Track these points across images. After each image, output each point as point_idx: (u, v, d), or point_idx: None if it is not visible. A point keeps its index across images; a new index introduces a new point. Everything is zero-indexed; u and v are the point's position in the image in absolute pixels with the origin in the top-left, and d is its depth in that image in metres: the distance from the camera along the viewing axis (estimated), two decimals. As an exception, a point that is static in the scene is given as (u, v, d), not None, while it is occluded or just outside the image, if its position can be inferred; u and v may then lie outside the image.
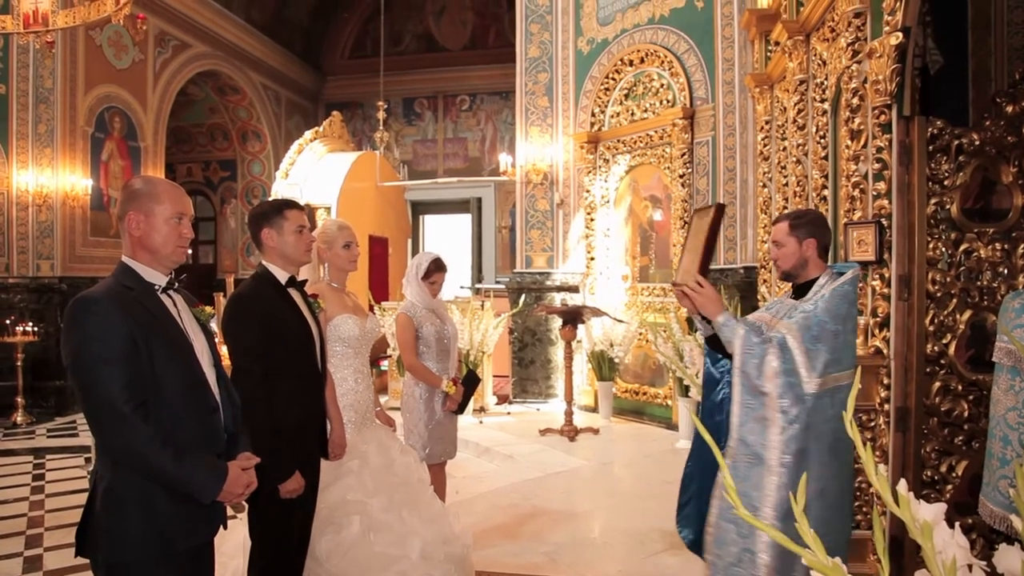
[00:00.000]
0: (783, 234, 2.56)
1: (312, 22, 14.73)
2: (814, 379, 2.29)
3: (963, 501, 3.15)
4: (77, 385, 1.84)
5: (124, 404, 1.78)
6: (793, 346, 2.31)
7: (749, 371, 2.34)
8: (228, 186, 13.42)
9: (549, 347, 8.30)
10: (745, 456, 2.35)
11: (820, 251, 2.55)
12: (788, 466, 2.28)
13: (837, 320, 2.35)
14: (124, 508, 1.85)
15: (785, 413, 2.29)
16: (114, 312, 1.83)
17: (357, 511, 2.81)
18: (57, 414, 8.33)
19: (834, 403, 2.33)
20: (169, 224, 1.97)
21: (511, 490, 5.25)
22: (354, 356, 3.07)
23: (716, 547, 2.43)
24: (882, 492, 0.98)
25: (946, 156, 3.28)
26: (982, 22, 4.62)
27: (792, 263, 2.56)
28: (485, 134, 14.70)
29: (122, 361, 1.80)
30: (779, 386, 2.30)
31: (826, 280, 2.49)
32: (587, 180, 8.08)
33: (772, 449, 2.31)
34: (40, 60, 8.42)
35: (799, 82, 4.59)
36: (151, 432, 1.80)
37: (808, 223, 2.55)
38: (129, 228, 1.96)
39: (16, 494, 5.53)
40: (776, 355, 2.31)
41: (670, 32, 7.32)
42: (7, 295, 8.36)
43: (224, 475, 1.94)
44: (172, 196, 1.99)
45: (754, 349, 2.35)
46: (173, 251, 1.99)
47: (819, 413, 2.31)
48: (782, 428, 2.30)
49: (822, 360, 2.30)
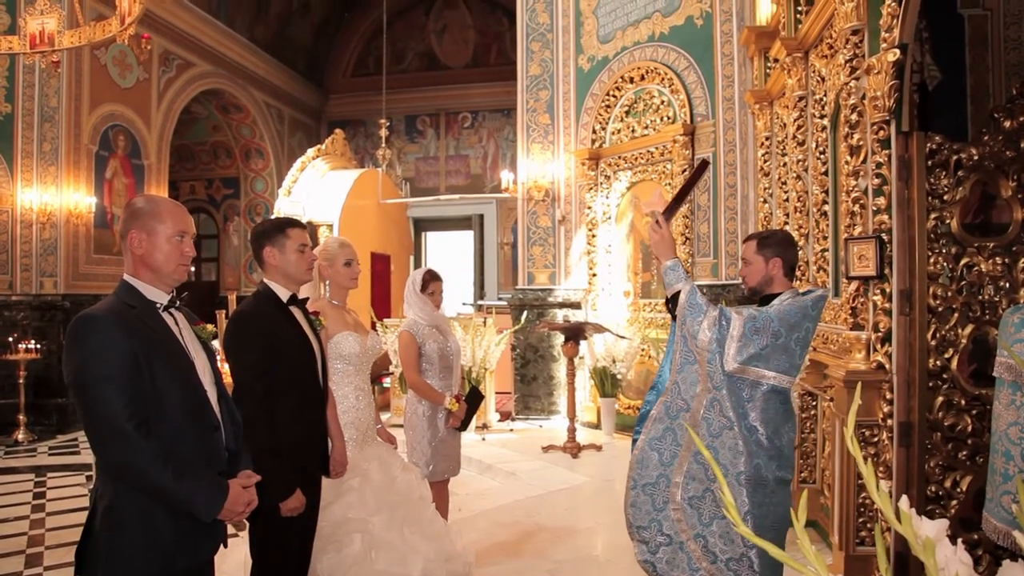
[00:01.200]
0: (751, 252, 2.70)
1: (315, 41, 14.86)
2: (734, 361, 2.42)
3: (968, 517, 3.13)
4: (79, 403, 1.84)
5: (126, 422, 1.78)
6: (734, 323, 2.44)
7: (688, 323, 2.51)
8: (231, 203, 13.47)
9: (551, 363, 8.29)
10: (679, 398, 2.55)
11: (786, 270, 2.67)
12: (708, 420, 2.48)
13: (783, 324, 2.44)
14: (124, 526, 1.85)
15: (707, 378, 2.47)
16: (116, 330, 1.83)
17: (358, 529, 2.80)
18: (59, 432, 8.32)
19: (752, 396, 2.46)
20: (171, 242, 1.98)
21: (514, 507, 5.22)
22: (355, 373, 3.07)
23: (639, 467, 2.65)
24: (884, 508, 0.97)
25: (945, 171, 3.29)
26: (979, 38, 4.66)
27: (758, 280, 2.68)
28: (487, 151, 14.77)
29: (124, 379, 1.81)
30: (709, 350, 2.46)
31: (788, 296, 2.60)
32: (588, 196, 8.11)
33: (699, 401, 2.50)
34: (45, 79, 8.49)
35: (798, 98, 4.61)
36: (153, 450, 1.80)
37: (775, 243, 2.68)
38: (131, 246, 1.97)
39: (17, 512, 5.50)
40: (713, 321, 2.45)
41: (670, 49, 7.37)
42: (10, 312, 8.38)
43: (225, 492, 1.93)
44: (174, 214, 2.01)
45: (698, 305, 2.50)
46: (175, 269, 2.00)
47: (734, 395, 2.45)
48: (706, 389, 2.48)
49: (750, 350, 2.42)
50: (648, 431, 2.62)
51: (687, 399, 2.53)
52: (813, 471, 4.56)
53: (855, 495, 3.39)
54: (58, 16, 5.82)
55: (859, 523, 3.38)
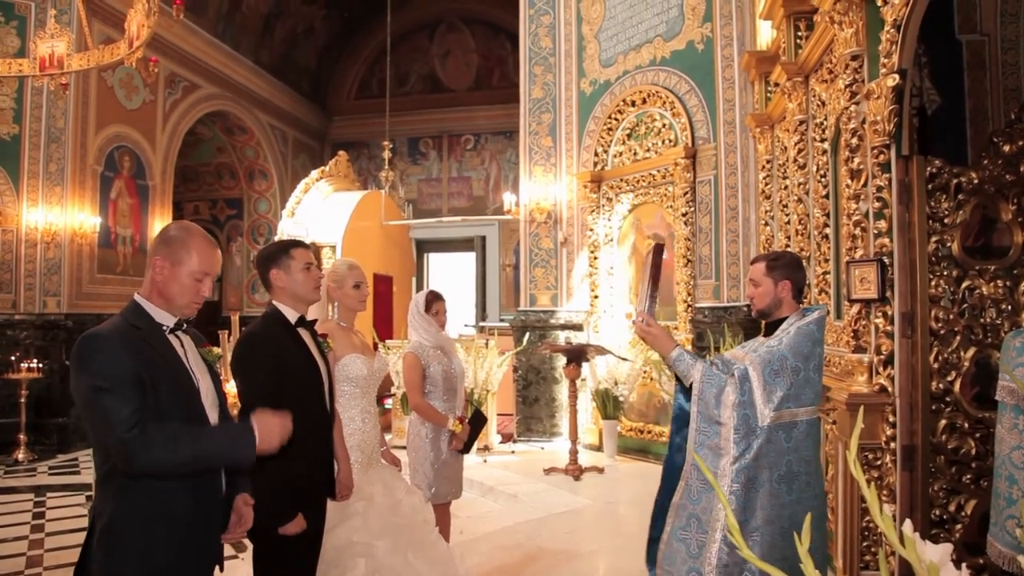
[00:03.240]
0: (760, 274, 2.66)
1: (319, 63, 15.01)
2: (769, 412, 2.38)
3: (973, 541, 3.11)
4: (88, 420, 1.85)
5: (133, 428, 1.77)
6: (753, 378, 2.40)
7: (708, 399, 2.44)
8: (235, 224, 13.53)
9: (553, 385, 8.27)
10: (699, 481, 2.46)
11: (794, 292, 2.64)
12: (737, 494, 2.37)
13: (799, 357, 2.43)
14: (122, 547, 1.84)
15: (737, 444, 2.38)
16: (120, 350, 1.84)
17: (362, 553, 2.79)
18: (59, 451, 8.29)
19: (790, 437, 2.42)
20: (191, 279, 1.98)
21: (515, 530, 5.19)
22: (361, 396, 3.07)
23: (667, 564, 2.53)
24: (887, 532, 0.98)
25: (945, 194, 3.32)
26: (977, 63, 4.70)
27: (767, 302, 2.65)
28: (489, 173, 14.86)
29: (129, 392, 1.81)
30: (735, 417, 2.39)
31: (795, 319, 2.58)
32: (591, 219, 8.14)
33: (723, 477, 2.39)
34: (53, 101, 8.58)
35: (799, 122, 4.65)
36: (162, 435, 1.80)
37: (784, 265, 2.65)
38: (153, 269, 1.98)
39: (16, 532, 5.48)
40: (734, 387, 2.40)
41: (671, 73, 7.44)
42: (13, 332, 8.39)
43: (250, 428, 1.91)
44: (203, 254, 2.00)
45: (714, 379, 2.45)
46: (186, 304, 2.00)
47: (773, 445, 2.39)
48: (734, 458, 2.38)
49: (779, 394, 2.38)
50: (672, 520, 2.54)
51: (706, 479, 2.44)
52: (816, 494, 4.53)
53: (859, 519, 3.37)
54: (67, 39, 5.91)
55: (863, 547, 3.36)
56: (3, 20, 8.55)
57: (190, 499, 1.93)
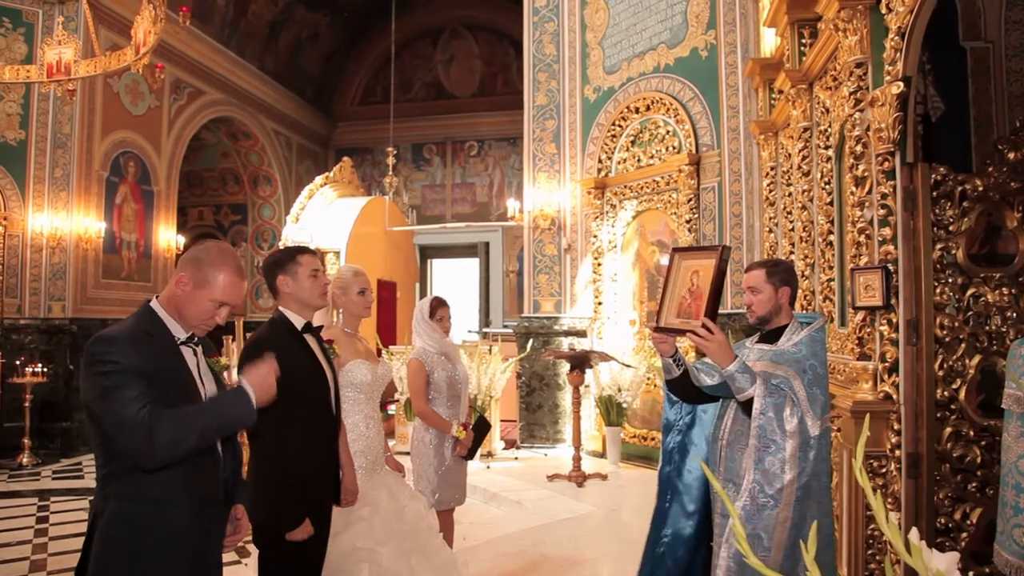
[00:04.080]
0: (760, 281, 2.63)
1: (324, 70, 15.06)
2: (816, 422, 2.38)
3: (979, 550, 3.10)
4: (102, 415, 1.81)
5: (142, 410, 1.76)
6: (798, 390, 2.39)
7: (769, 416, 2.38)
8: (239, 229, 13.57)
9: (557, 392, 8.27)
10: (762, 497, 2.39)
11: (791, 299, 2.65)
12: (793, 506, 2.36)
13: (823, 364, 2.45)
14: (118, 549, 1.83)
15: (800, 459, 2.36)
16: (132, 350, 1.84)
17: (367, 559, 2.78)
18: (63, 456, 8.30)
19: (823, 444, 2.44)
20: (209, 303, 1.97)
21: (519, 536, 5.18)
22: (365, 402, 3.07)
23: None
24: (894, 541, 0.97)
25: (950, 202, 3.31)
26: (982, 70, 4.70)
27: (768, 309, 2.63)
28: (493, 179, 14.88)
29: (139, 385, 1.80)
30: (796, 433, 2.36)
31: (798, 326, 2.58)
32: (594, 225, 8.14)
33: (787, 492, 2.36)
34: (59, 107, 8.63)
35: (803, 129, 4.65)
36: (171, 415, 1.79)
37: (783, 271, 2.66)
38: (176, 283, 1.97)
39: (20, 536, 5.48)
40: (791, 404, 2.38)
41: (675, 80, 7.45)
42: (18, 336, 8.42)
43: (242, 388, 1.89)
44: (228, 283, 1.98)
45: (776, 399, 2.38)
46: (198, 325, 2.00)
47: (819, 453, 2.40)
48: (798, 472, 2.36)
49: (820, 403, 2.40)
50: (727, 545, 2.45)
51: (774, 493, 2.37)
52: (821, 502, 4.51)
53: (864, 527, 3.36)
54: (75, 46, 5.94)
55: (868, 555, 3.34)
56: (11, 27, 8.60)
57: (189, 508, 1.91)
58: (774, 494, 2.36)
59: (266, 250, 13.47)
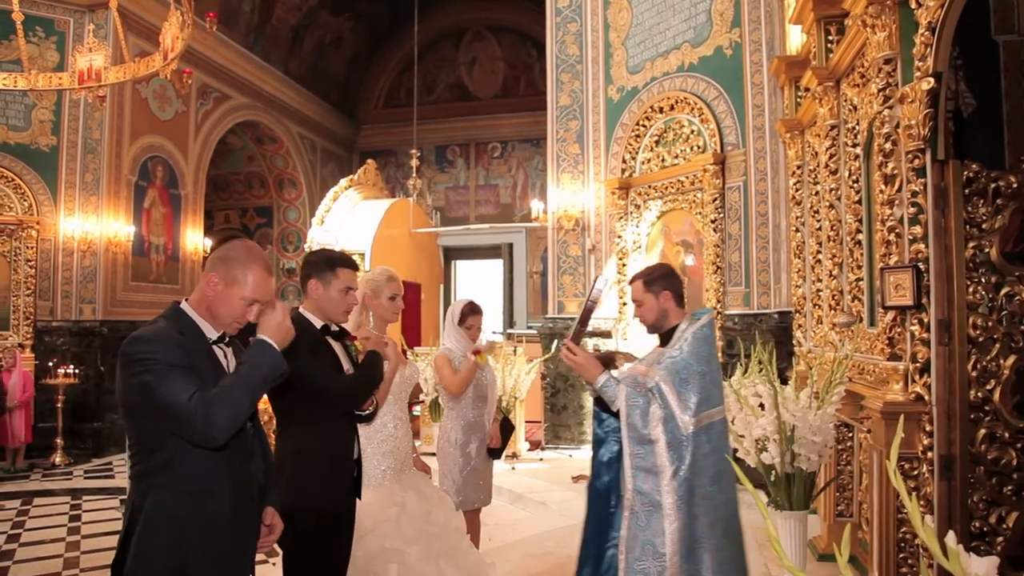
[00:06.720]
0: (640, 293, 2.77)
1: (347, 73, 15.18)
2: (689, 419, 2.44)
3: (1015, 554, 3.03)
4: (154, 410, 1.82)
5: (193, 396, 1.78)
6: (667, 391, 2.47)
7: (635, 422, 2.49)
8: (264, 232, 13.71)
9: (582, 393, 8.24)
10: (644, 505, 2.48)
11: (676, 300, 2.75)
12: (680, 508, 2.42)
13: (701, 361, 2.52)
14: (154, 541, 1.85)
15: (672, 458, 2.44)
16: (169, 350, 1.85)
17: (394, 559, 2.79)
18: (94, 456, 8.45)
19: (710, 438, 2.50)
20: (240, 302, 1.99)
21: (545, 538, 5.17)
22: (393, 403, 3.08)
23: None
24: (930, 544, 0.96)
25: (983, 199, 3.24)
26: (1015, 64, 4.60)
27: (654, 317, 2.76)
28: (516, 180, 14.88)
29: (182, 373, 1.82)
30: (665, 433, 2.44)
31: (686, 325, 2.65)
32: (619, 226, 8.11)
33: (667, 494, 2.44)
34: (89, 113, 8.78)
35: (830, 127, 4.59)
36: (214, 392, 1.81)
37: (660, 277, 2.77)
38: (207, 284, 1.99)
39: (53, 535, 5.59)
40: (658, 404, 2.46)
41: (699, 79, 7.40)
42: (50, 338, 8.59)
43: (260, 339, 1.93)
44: (258, 281, 2.00)
45: (637, 401, 2.49)
46: (229, 324, 2.02)
47: (698, 449, 2.45)
48: (673, 472, 2.43)
49: (693, 400, 2.46)
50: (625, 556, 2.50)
51: (655, 496, 2.45)
52: (850, 505, 4.45)
53: (895, 530, 3.31)
54: (104, 53, 6.04)
55: (899, 559, 3.29)
56: (43, 35, 8.78)
57: (229, 499, 1.93)
58: (654, 498, 2.44)
59: (291, 252, 13.60)
